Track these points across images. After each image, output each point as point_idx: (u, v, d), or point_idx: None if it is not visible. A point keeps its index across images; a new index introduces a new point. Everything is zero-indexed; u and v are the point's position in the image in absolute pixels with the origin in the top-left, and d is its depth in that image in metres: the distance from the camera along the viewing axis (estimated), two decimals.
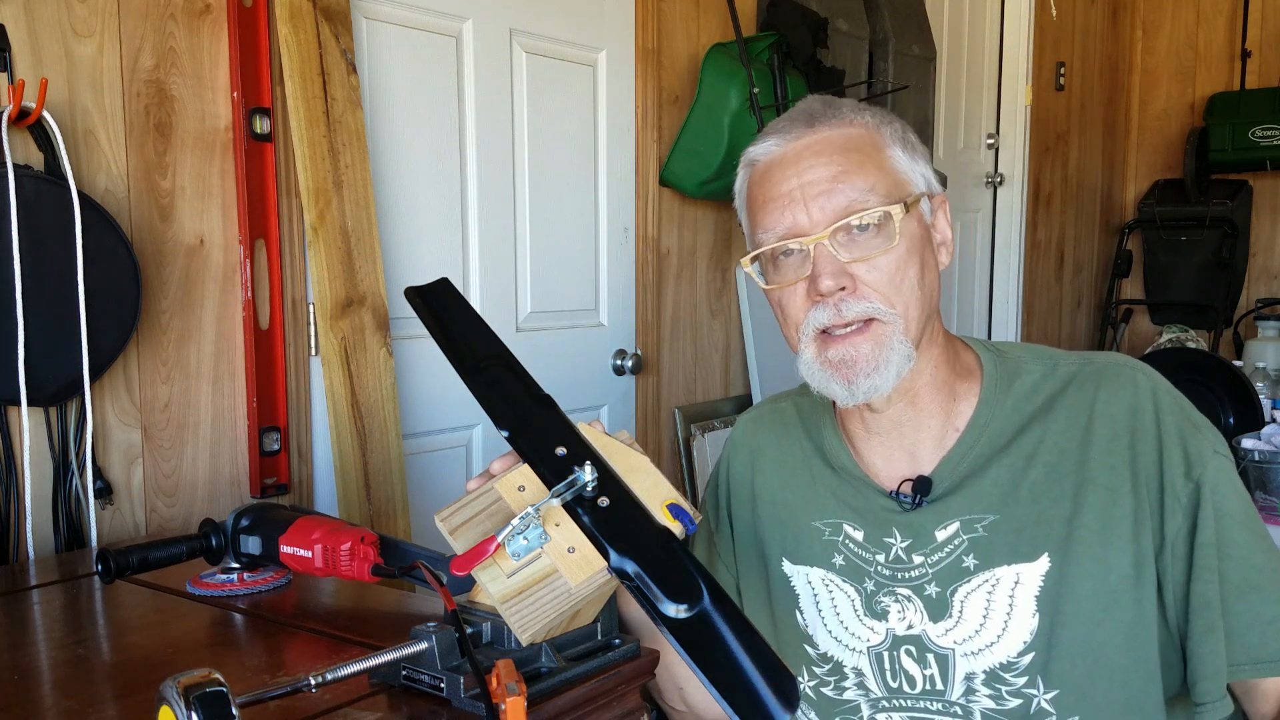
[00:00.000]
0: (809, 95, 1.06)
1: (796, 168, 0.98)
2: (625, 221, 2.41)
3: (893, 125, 1.01)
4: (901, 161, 1.00)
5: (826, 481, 1.10)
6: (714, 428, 2.62)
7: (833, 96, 1.05)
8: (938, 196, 1.03)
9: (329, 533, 1.06)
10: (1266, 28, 4.48)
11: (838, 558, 1.07)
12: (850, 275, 0.96)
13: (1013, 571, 0.98)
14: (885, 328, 0.96)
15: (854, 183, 0.96)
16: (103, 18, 1.48)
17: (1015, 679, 0.98)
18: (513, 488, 0.86)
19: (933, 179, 1.02)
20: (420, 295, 1.04)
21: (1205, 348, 4.22)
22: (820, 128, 0.99)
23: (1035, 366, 1.04)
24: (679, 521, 0.86)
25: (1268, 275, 4.54)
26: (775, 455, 1.16)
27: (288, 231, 1.70)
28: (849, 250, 0.96)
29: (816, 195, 0.96)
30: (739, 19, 2.44)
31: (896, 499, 1.04)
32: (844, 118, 1.00)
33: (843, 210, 0.95)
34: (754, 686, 0.74)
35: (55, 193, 1.38)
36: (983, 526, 0.99)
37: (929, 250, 1.01)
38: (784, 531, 1.12)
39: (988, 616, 0.99)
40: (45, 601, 1.20)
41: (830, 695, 1.08)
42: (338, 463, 1.74)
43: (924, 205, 1.00)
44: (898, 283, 0.96)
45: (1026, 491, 0.99)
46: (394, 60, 1.90)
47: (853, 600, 1.06)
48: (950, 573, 1.00)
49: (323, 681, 0.75)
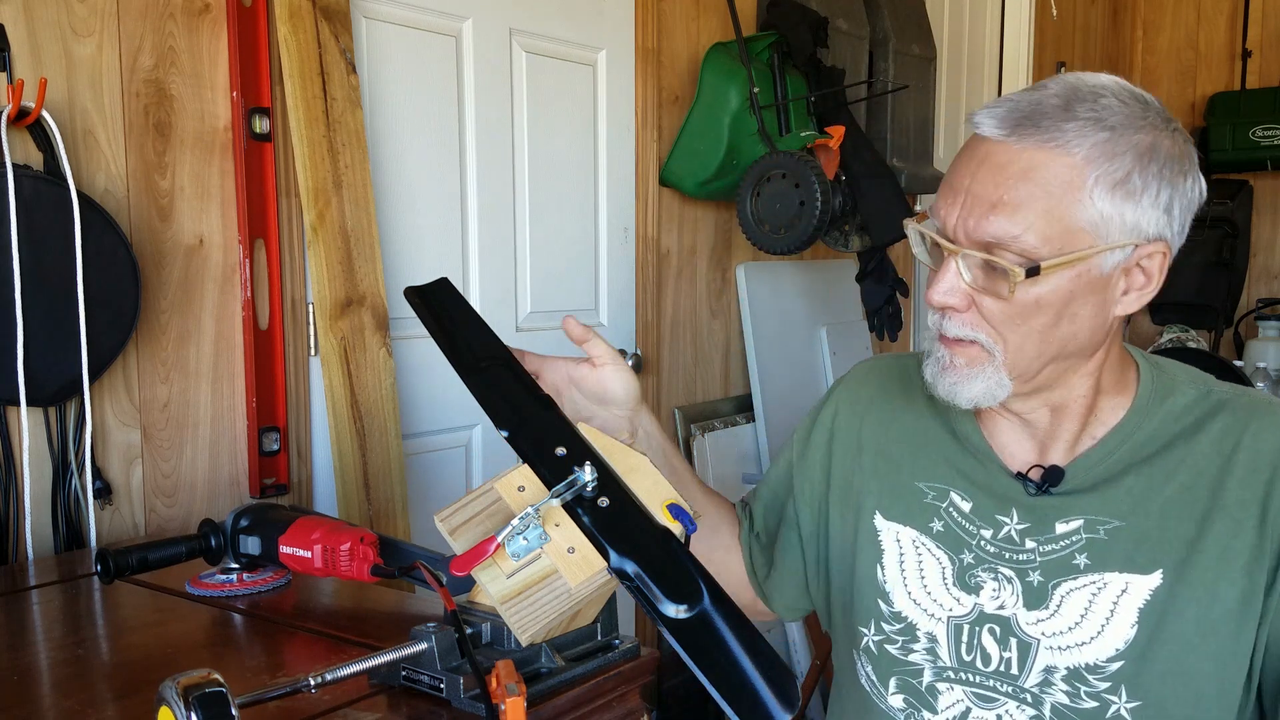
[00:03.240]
0: (1062, 76, 0.95)
1: (975, 169, 0.93)
2: (625, 221, 2.41)
3: (1117, 163, 0.89)
4: (1096, 209, 0.90)
5: (944, 448, 1.09)
6: (714, 428, 2.62)
7: (1083, 93, 0.91)
8: (1148, 246, 0.93)
9: (328, 533, 1.06)
10: (1267, 27, 4.48)
11: (937, 523, 1.07)
12: (969, 298, 0.94)
13: (1123, 580, 0.98)
14: (984, 354, 0.95)
15: (1007, 221, 0.90)
16: (102, 17, 1.48)
17: (1098, 682, 0.98)
18: (512, 488, 0.86)
19: (1153, 226, 0.92)
20: (420, 295, 1.04)
21: (1206, 348, 4.22)
22: (1024, 138, 0.91)
23: (1190, 388, 1.03)
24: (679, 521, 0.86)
25: (1268, 275, 4.53)
26: (888, 408, 1.15)
27: (287, 231, 1.70)
28: (979, 276, 0.93)
29: (971, 212, 0.92)
30: (739, 18, 2.44)
31: (1023, 481, 1.04)
32: (1058, 139, 0.90)
33: (983, 243, 0.91)
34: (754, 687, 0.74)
35: (54, 193, 1.38)
36: (1105, 530, 0.99)
37: (1086, 300, 0.93)
38: (883, 485, 1.12)
39: (1085, 616, 0.99)
40: (45, 602, 1.20)
41: (894, 653, 1.08)
42: (337, 463, 1.74)
43: (1106, 258, 0.92)
44: (1014, 325, 0.93)
45: (1157, 506, 0.98)
46: (394, 60, 1.90)
47: (943, 568, 1.06)
48: (1059, 566, 1.00)
49: (322, 682, 0.75)
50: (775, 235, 2.29)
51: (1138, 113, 0.92)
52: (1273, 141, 4.22)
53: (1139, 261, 0.94)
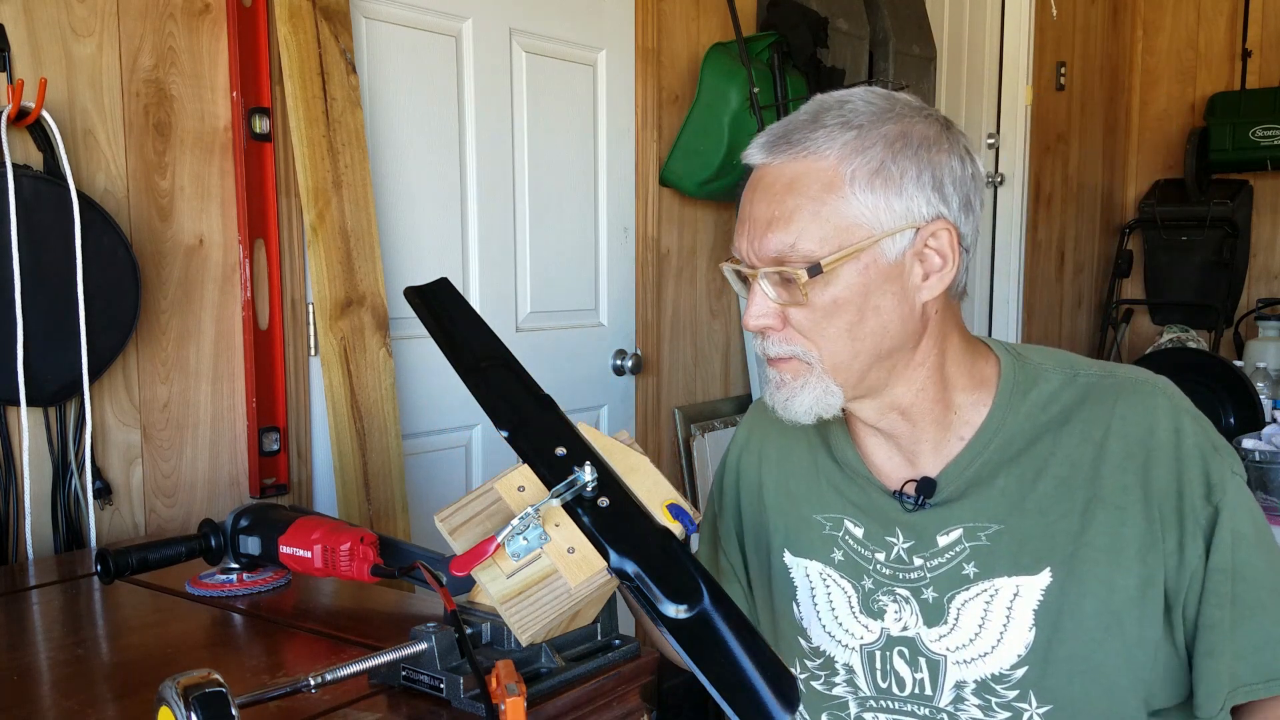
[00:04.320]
0: (815, 96, 1.02)
1: (752, 196, 0.98)
2: (625, 221, 2.41)
3: (868, 155, 0.93)
4: (860, 202, 0.93)
5: (830, 476, 1.10)
6: (714, 428, 2.62)
7: (829, 104, 0.99)
8: (930, 226, 0.95)
9: (328, 533, 1.06)
10: (1267, 27, 4.48)
11: (837, 553, 1.07)
12: (780, 316, 0.97)
13: (1013, 583, 0.97)
14: (804, 365, 0.97)
15: (781, 233, 0.94)
16: (102, 17, 1.48)
17: (1006, 691, 0.98)
18: (512, 488, 0.86)
19: (926, 206, 0.95)
20: (420, 295, 1.04)
21: (1206, 348, 4.22)
22: (781, 156, 0.96)
23: (1055, 375, 1.03)
24: (679, 522, 0.86)
25: (1268, 275, 4.53)
26: (782, 445, 1.16)
27: (287, 231, 1.70)
28: (780, 292, 0.97)
29: (755, 234, 0.96)
30: (739, 18, 2.44)
31: (900, 499, 1.03)
32: (809, 147, 0.95)
33: (770, 259, 0.95)
34: (754, 687, 0.74)
35: (54, 192, 1.38)
36: (986, 535, 0.99)
37: (884, 291, 0.95)
38: (786, 522, 1.12)
39: (984, 626, 0.98)
40: (45, 602, 1.20)
41: (820, 689, 1.08)
42: (337, 463, 1.74)
43: (887, 246, 0.94)
44: (821, 330, 0.96)
45: (1034, 504, 0.98)
46: (394, 60, 1.90)
47: (849, 597, 1.06)
48: (949, 579, 1.00)
49: (322, 682, 0.75)
50: None
51: (883, 107, 0.97)
52: (1273, 141, 4.22)
53: (925, 244, 0.96)
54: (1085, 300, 4.66)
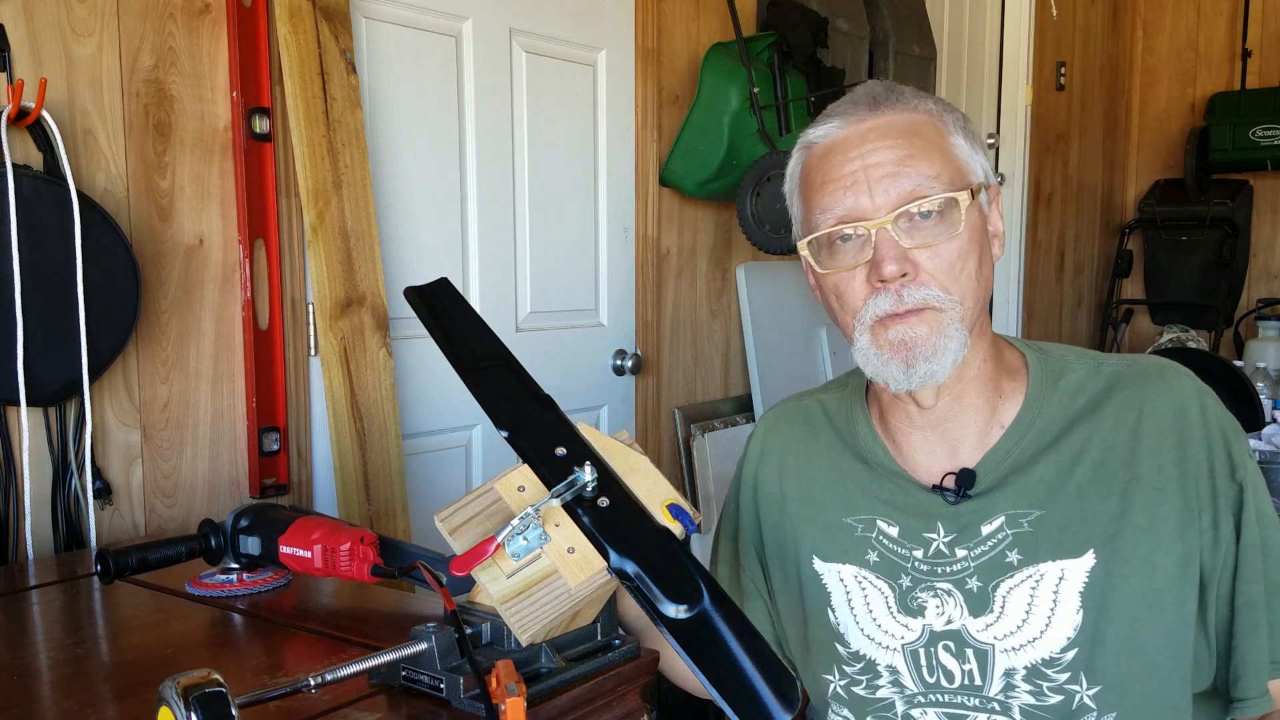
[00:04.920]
0: (869, 80, 1.05)
1: (860, 149, 0.96)
2: (625, 221, 2.41)
3: (954, 114, 1.00)
4: (963, 150, 0.99)
5: (859, 478, 1.09)
6: (714, 428, 2.62)
7: (894, 82, 1.03)
8: (993, 188, 1.02)
9: (328, 533, 1.06)
10: (1267, 27, 4.48)
11: (872, 554, 1.06)
12: (912, 262, 0.95)
13: (1057, 567, 0.98)
14: (942, 315, 0.95)
15: (920, 168, 0.95)
16: (102, 17, 1.48)
17: (1058, 675, 0.98)
18: (512, 488, 0.86)
19: (989, 170, 1.01)
20: (420, 295, 1.04)
21: (1206, 348, 4.22)
22: (885, 111, 0.98)
23: (1079, 365, 1.04)
24: (679, 522, 0.86)
25: (1268, 275, 4.53)
26: (801, 452, 1.15)
27: (287, 231, 1.70)
28: (911, 236, 0.95)
29: (881, 178, 0.94)
30: (739, 18, 2.44)
31: (940, 493, 1.03)
32: (908, 103, 0.99)
33: (908, 195, 0.94)
34: (754, 687, 0.74)
35: (54, 192, 1.38)
36: (1028, 522, 0.99)
37: (986, 241, 1.00)
38: (813, 529, 1.11)
39: (1030, 612, 0.98)
40: (45, 602, 1.20)
41: (862, 694, 1.07)
42: (337, 463, 1.74)
43: (982, 196, 1.00)
44: (958, 271, 0.95)
45: (1074, 488, 0.99)
46: (394, 60, 1.90)
47: (886, 597, 1.05)
48: (993, 567, 1.00)
49: (322, 682, 0.75)
50: (775, 235, 2.29)
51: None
52: (1273, 141, 4.22)
53: (992, 204, 1.02)
54: (1085, 300, 4.66)
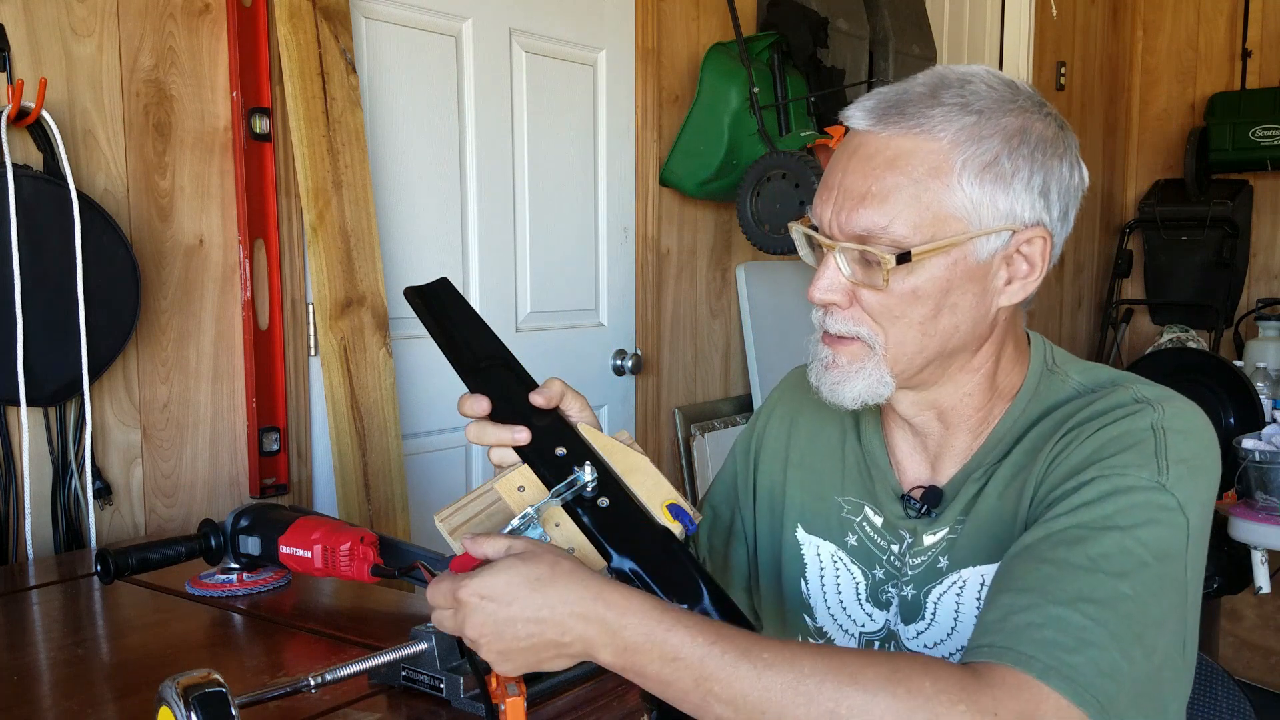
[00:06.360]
0: (935, 67, 0.95)
1: (846, 164, 0.93)
2: (625, 221, 2.41)
3: (985, 145, 0.88)
4: (966, 194, 0.88)
5: (856, 461, 1.08)
6: (714, 428, 2.62)
7: (949, 80, 0.91)
8: (1027, 232, 0.90)
9: (328, 533, 1.06)
10: (1267, 27, 4.48)
11: (851, 537, 1.06)
12: (850, 293, 0.93)
13: (978, 573, 0.96)
14: (865, 349, 0.93)
15: (875, 211, 0.89)
16: (102, 17, 1.48)
17: None
18: (513, 488, 0.86)
19: (1029, 210, 0.90)
20: (420, 295, 1.03)
21: (1206, 348, 4.22)
22: (890, 126, 0.90)
23: (1073, 394, 0.98)
24: (679, 522, 0.86)
25: (1268, 275, 4.53)
26: (814, 417, 1.13)
27: (287, 231, 1.70)
28: (857, 270, 0.92)
29: (845, 203, 0.91)
30: (739, 18, 2.44)
31: (905, 502, 1.03)
32: (923, 124, 0.89)
33: (856, 235, 0.90)
34: None
35: (54, 193, 1.38)
36: (960, 529, 0.98)
37: (965, 290, 0.92)
38: (804, 498, 1.10)
39: (958, 619, 0.97)
40: (45, 602, 1.20)
41: None
42: (337, 463, 1.74)
43: (981, 245, 0.90)
44: (893, 317, 0.92)
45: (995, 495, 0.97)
46: (394, 60, 1.90)
47: (858, 584, 1.05)
48: (926, 574, 0.99)
49: (322, 682, 0.75)
50: (775, 235, 2.29)
51: (1007, 96, 0.91)
52: (1273, 141, 4.22)
53: (1019, 248, 0.92)
54: (1085, 300, 4.66)
